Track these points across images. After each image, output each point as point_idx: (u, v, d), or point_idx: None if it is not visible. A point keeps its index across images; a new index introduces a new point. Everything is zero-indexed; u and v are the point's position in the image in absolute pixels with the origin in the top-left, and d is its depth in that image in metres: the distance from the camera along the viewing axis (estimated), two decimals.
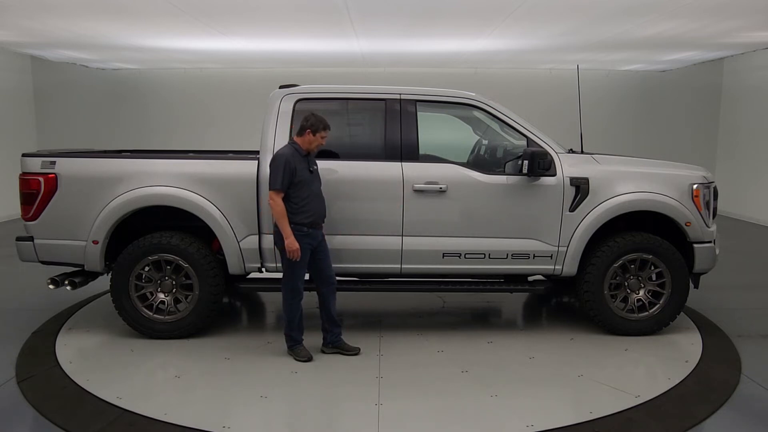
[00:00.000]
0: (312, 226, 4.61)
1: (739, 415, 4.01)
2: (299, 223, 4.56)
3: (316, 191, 4.66)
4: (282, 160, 4.52)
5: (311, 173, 4.64)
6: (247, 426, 3.77)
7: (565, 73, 13.98)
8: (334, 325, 4.87)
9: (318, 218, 4.66)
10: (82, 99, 14.02)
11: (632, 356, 4.94)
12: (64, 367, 4.61)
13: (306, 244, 4.60)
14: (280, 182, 4.49)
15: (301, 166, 4.57)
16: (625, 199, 5.14)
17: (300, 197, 4.56)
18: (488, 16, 8.54)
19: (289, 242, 4.51)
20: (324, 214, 4.73)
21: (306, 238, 4.59)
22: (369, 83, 5.56)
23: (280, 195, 4.52)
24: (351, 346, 4.87)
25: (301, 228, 4.56)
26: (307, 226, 4.58)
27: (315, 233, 4.65)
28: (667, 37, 9.86)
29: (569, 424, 3.76)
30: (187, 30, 9.48)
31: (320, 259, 4.76)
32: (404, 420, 3.83)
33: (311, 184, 4.62)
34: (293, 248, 4.51)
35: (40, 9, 8.19)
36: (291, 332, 4.79)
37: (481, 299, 6.58)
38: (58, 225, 5.07)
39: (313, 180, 4.65)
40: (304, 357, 4.72)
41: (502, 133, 5.46)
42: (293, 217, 4.56)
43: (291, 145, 4.65)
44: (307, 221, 4.58)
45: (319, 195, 4.69)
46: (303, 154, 4.62)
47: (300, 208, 4.56)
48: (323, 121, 4.61)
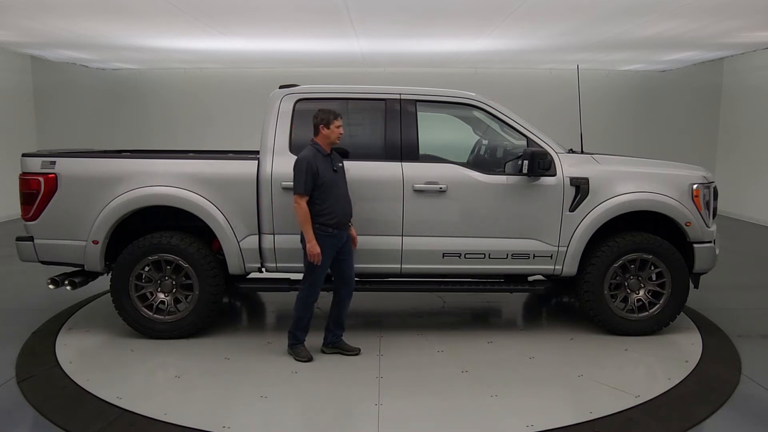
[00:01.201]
0: (337, 227, 4.57)
1: (739, 415, 4.01)
2: (325, 224, 4.51)
3: (340, 191, 4.61)
4: (304, 164, 4.46)
5: (335, 172, 4.59)
6: (247, 426, 3.77)
7: (565, 73, 13.98)
8: (339, 327, 4.86)
9: (343, 219, 4.61)
10: (82, 99, 14.02)
11: (632, 356, 4.94)
12: (64, 367, 4.61)
13: (330, 246, 4.56)
14: (304, 186, 4.44)
15: (324, 166, 4.52)
16: (625, 199, 5.14)
17: (324, 199, 4.51)
18: (488, 16, 8.54)
19: (311, 246, 4.46)
20: (350, 213, 4.69)
21: (331, 239, 4.55)
22: (369, 83, 5.56)
23: (305, 199, 4.47)
24: (351, 347, 4.87)
25: (327, 229, 4.52)
26: (332, 227, 4.54)
27: (340, 234, 4.61)
28: (667, 37, 9.86)
29: (569, 424, 3.76)
30: (187, 30, 9.49)
31: (343, 259, 4.71)
32: (404, 420, 3.83)
33: (335, 185, 4.57)
34: (314, 252, 4.46)
35: (40, 9, 8.19)
36: (296, 331, 4.77)
37: (481, 299, 6.58)
38: (58, 225, 5.07)
39: (337, 180, 4.59)
40: (305, 357, 4.72)
41: (502, 133, 5.46)
42: (318, 219, 4.50)
43: (312, 147, 4.58)
44: (332, 222, 4.53)
45: (344, 195, 4.64)
46: (325, 154, 4.57)
47: (325, 209, 4.51)
48: (332, 112, 4.58)
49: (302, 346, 4.79)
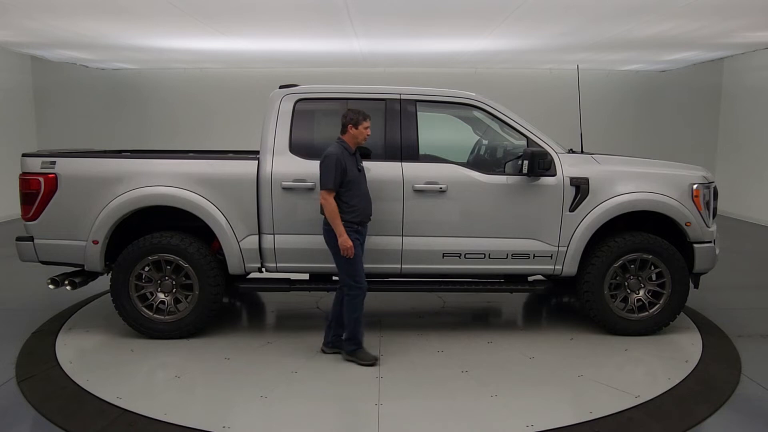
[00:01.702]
0: (361, 223, 4.61)
1: (739, 415, 4.01)
2: (350, 222, 4.53)
3: (363, 190, 4.63)
4: (333, 159, 4.47)
5: (359, 172, 4.62)
6: (247, 426, 3.77)
7: (565, 73, 13.98)
8: (339, 326, 4.83)
9: (365, 217, 4.64)
10: (82, 99, 14.02)
11: (632, 356, 4.94)
12: (64, 367, 4.61)
13: (358, 241, 4.59)
14: (333, 181, 4.45)
15: (351, 164, 4.55)
16: (625, 199, 5.15)
17: (350, 196, 4.54)
18: (488, 16, 8.54)
19: (343, 240, 4.45)
20: (370, 212, 4.71)
21: (356, 234, 4.57)
22: (369, 83, 5.55)
23: (332, 194, 4.48)
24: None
25: (352, 225, 4.54)
26: (357, 224, 4.58)
27: (363, 231, 4.66)
28: (667, 37, 9.86)
29: (569, 424, 3.76)
30: (187, 30, 9.48)
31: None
32: (404, 420, 3.83)
33: (360, 183, 4.60)
34: (347, 246, 4.45)
35: (41, 9, 8.20)
36: (356, 334, 4.68)
37: (481, 299, 6.58)
38: (58, 225, 5.07)
39: (360, 179, 4.62)
40: (370, 360, 4.64)
41: (502, 133, 5.46)
42: (343, 216, 4.51)
43: (339, 144, 4.59)
44: (356, 220, 4.56)
45: (366, 194, 4.66)
46: (351, 152, 4.59)
47: (350, 207, 4.53)
48: (361, 112, 4.59)
49: (363, 350, 4.71)
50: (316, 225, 5.05)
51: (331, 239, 4.55)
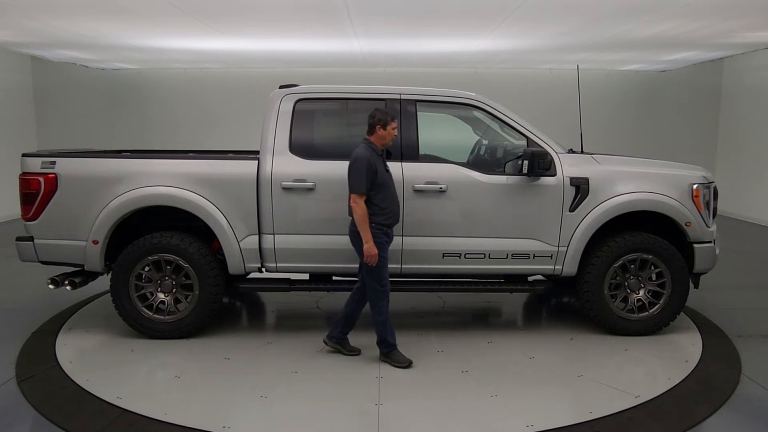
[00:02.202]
0: (391, 226, 4.59)
1: (739, 415, 4.01)
2: (380, 224, 4.50)
3: (392, 191, 4.60)
4: (364, 162, 4.41)
5: (387, 172, 4.59)
6: (247, 426, 3.77)
7: (565, 73, 13.98)
8: (348, 326, 4.83)
9: (395, 219, 4.62)
10: (82, 99, 14.02)
11: (632, 356, 4.94)
12: (64, 367, 4.61)
13: (385, 243, 4.56)
14: (364, 184, 4.40)
15: (380, 165, 4.52)
16: (625, 199, 5.15)
17: (380, 198, 4.49)
18: (488, 16, 8.54)
19: (368, 247, 4.38)
20: (399, 213, 4.67)
21: (385, 237, 4.56)
22: (369, 83, 5.56)
23: (363, 198, 4.43)
24: (352, 347, 4.86)
25: (382, 228, 4.52)
26: (387, 227, 4.56)
27: (392, 233, 4.65)
28: (667, 37, 9.86)
29: (569, 424, 3.76)
30: (187, 30, 9.48)
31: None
32: (404, 420, 3.83)
33: (389, 185, 4.57)
34: (372, 253, 4.38)
35: (41, 9, 8.20)
36: (386, 337, 4.64)
37: (481, 299, 6.58)
38: (58, 225, 5.07)
39: (389, 180, 4.58)
40: (404, 362, 4.61)
41: (502, 133, 5.46)
42: (374, 218, 4.47)
43: (367, 145, 4.52)
44: (387, 222, 4.54)
45: (395, 195, 4.63)
46: (378, 153, 4.57)
47: (381, 209, 4.50)
48: (389, 113, 4.57)
49: (397, 351, 4.68)
50: (316, 225, 5.07)
51: (357, 241, 4.50)
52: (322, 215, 5.06)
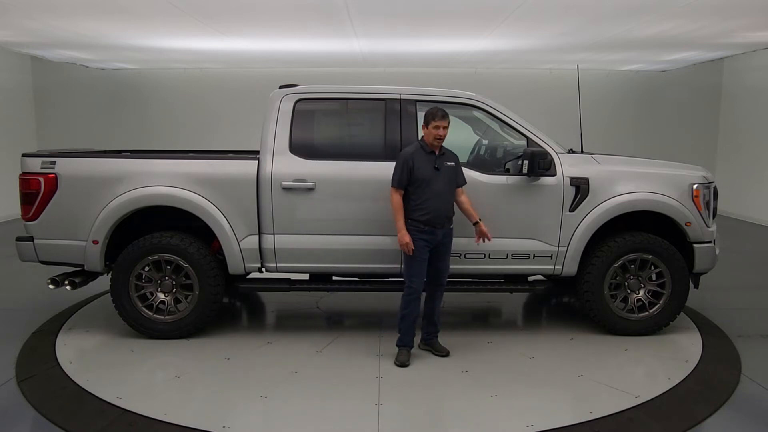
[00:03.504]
0: (429, 224, 4.56)
1: (739, 415, 4.01)
2: (416, 220, 4.54)
3: (438, 190, 4.56)
4: (402, 159, 4.55)
5: (437, 170, 4.56)
6: (247, 426, 3.77)
7: (565, 73, 13.98)
8: (431, 325, 4.87)
9: (436, 217, 4.57)
10: (82, 99, 14.02)
11: (632, 356, 4.94)
12: (64, 367, 4.61)
13: (422, 241, 4.55)
14: (397, 180, 4.55)
15: (423, 163, 4.54)
16: (625, 199, 5.14)
17: (418, 195, 4.54)
18: (488, 16, 8.54)
19: (400, 236, 4.53)
20: (445, 213, 4.60)
21: (422, 234, 4.55)
22: (369, 83, 5.55)
23: (399, 192, 4.56)
24: (442, 347, 4.85)
25: (418, 225, 4.54)
26: (423, 224, 4.55)
27: (434, 231, 4.59)
28: (667, 37, 9.86)
29: (569, 424, 3.76)
30: (187, 30, 9.48)
31: (435, 259, 4.68)
32: (404, 420, 3.83)
33: (433, 182, 4.54)
34: (403, 241, 4.51)
35: (40, 9, 8.20)
36: (399, 331, 4.74)
37: (481, 299, 6.58)
38: (58, 225, 5.06)
39: (436, 178, 4.56)
40: (399, 362, 4.65)
41: (502, 133, 5.45)
42: (411, 214, 4.55)
43: (419, 142, 4.66)
44: (423, 219, 4.54)
45: (440, 194, 4.57)
46: (428, 151, 4.58)
47: (418, 205, 4.54)
48: (432, 111, 4.56)
49: (405, 350, 4.72)
50: (316, 225, 5.07)
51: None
52: (322, 215, 5.06)
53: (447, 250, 4.74)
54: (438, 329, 4.90)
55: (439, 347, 4.87)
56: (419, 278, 4.64)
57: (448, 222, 4.67)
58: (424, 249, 4.58)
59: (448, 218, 4.66)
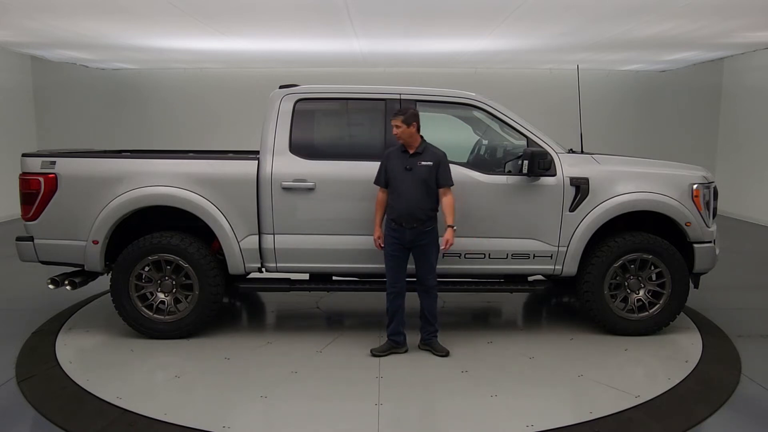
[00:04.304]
0: (397, 222, 4.62)
1: (739, 415, 4.01)
2: (389, 218, 4.69)
3: (405, 189, 4.59)
4: (383, 157, 4.73)
5: (407, 170, 4.59)
6: (247, 426, 3.77)
7: (565, 73, 13.98)
8: (426, 324, 4.89)
9: (401, 216, 4.61)
10: (82, 99, 14.02)
11: (632, 356, 4.94)
12: (64, 367, 4.61)
13: (392, 239, 4.67)
14: (375, 178, 4.73)
15: (396, 162, 4.65)
16: (625, 199, 5.14)
17: (390, 193, 4.69)
18: (488, 16, 8.54)
19: (374, 231, 4.77)
20: (412, 214, 4.58)
21: (392, 232, 4.67)
22: (369, 83, 5.55)
23: (381, 190, 4.73)
24: (441, 347, 4.85)
25: (390, 222, 4.68)
26: (394, 222, 4.65)
27: (402, 230, 4.62)
28: (667, 37, 9.86)
29: (569, 424, 3.76)
30: (187, 30, 9.48)
31: (415, 259, 4.75)
32: (404, 420, 3.83)
33: (401, 182, 4.60)
34: (375, 237, 4.76)
35: (40, 9, 8.20)
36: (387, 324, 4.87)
37: (481, 299, 6.58)
38: (58, 225, 5.06)
39: (405, 177, 4.59)
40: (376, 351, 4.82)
41: (502, 133, 5.45)
42: (387, 211, 4.72)
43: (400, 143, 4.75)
44: (392, 216, 4.67)
45: (408, 194, 4.58)
46: (402, 150, 4.67)
47: (389, 203, 4.70)
48: (395, 111, 4.69)
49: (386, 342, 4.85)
50: (317, 225, 5.07)
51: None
52: (322, 215, 5.06)
53: (424, 252, 4.70)
54: (436, 329, 4.90)
55: (438, 347, 4.87)
56: (392, 275, 4.75)
57: (419, 223, 4.60)
58: (394, 246, 4.67)
59: (419, 219, 4.60)
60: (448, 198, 4.69)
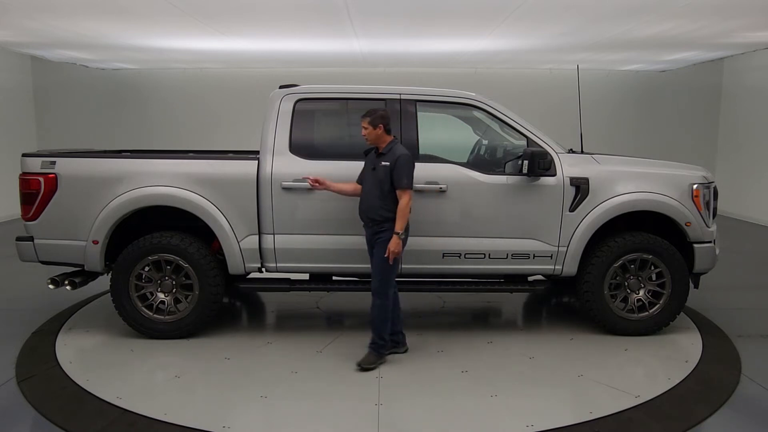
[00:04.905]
0: (362, 220, 4.66)
1: (739, 415, 4.01)
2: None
3: (366, 188, 4.60)
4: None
5: (373, 170, 4.57)
6: (247, 426, 3.77)
7: (565, 73, 13.98)
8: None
9: (360, 215, 4.66)
10: (82, 99, 14.02)
11: (632, 356, 4.94)
12: (64, 367, 4.61)
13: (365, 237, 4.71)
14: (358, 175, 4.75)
15: (368, 161, 4.67)
16: (625, 199, 5.14)
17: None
18: (488, 16, 8.54)
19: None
20: (366, 213, 4.58)
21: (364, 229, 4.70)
22: (369, 83, 5.55)
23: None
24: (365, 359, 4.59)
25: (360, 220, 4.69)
26: (361, 219, 4.66)
27: (365, 228, 4.68)
28: (667, 37, 9.85)
29: (569, 424, 3.76)
30: (187, 30, 9.48)
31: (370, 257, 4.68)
32: (404, 420, 3.83)
33: (366, 182, 4.62)
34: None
35: (40, 9, 8.19)
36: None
37: (481, 299, 6.58)
38: (58, 225, 5.06)
39: (368, 178, 4.60)
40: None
41: (502, 133, 5.45)
42: None
43: None
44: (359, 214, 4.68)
45: (366, 193, 4.58)
46: (371, 149, 4.66)
47: None
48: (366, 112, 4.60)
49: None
50: (316, 225, 5.07)
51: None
52: (322, 215, 5.06)
53: (374, 255, 4.56)
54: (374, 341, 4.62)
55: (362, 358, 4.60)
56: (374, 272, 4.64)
57: (374, 223, 4.53)
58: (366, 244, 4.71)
59: (373, 220, 4.53)
60: (402, 201, 4.44)
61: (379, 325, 4.58)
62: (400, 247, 4.45)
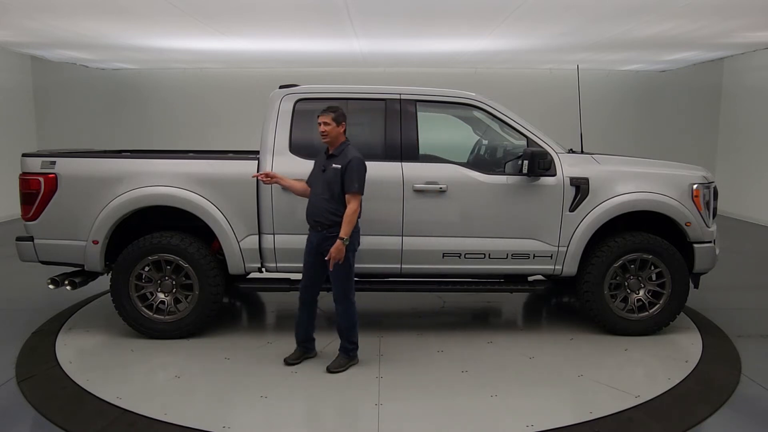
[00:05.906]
0: (308, 223, 4.52)
1: (739, 415, 4.01)
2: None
3: (314, 191, 4.49)
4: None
5: (322, 171, 4.45)
6: (247, 426, 3.77)
7: (565, 73, 13.98)
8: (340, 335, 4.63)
9: (308, 218, 4.49)
10: (82, 99, 14.02)
11: (632, 356, 4.94)
12: (64, 367, 4.61)
13: (307, 242, 4.53)
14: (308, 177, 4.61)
15: (318, 162, 4.56)
16: (625, 199, 5.14)
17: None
18: (488, 16, 8.54)
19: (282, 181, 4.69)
20: (313, 216, 4.43)
21: (308, 235, 4.55)
22: (369, 83, 5.55)
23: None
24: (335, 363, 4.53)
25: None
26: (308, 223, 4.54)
27: (311, 233, 4.51)
28: (667, 37, 9.86)
29: (569, 424, 3.76)
30: (187, 30, 9.48)
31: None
32: (404, 420, 3.83)
33: (314, 184, 4.51)
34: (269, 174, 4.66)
35: (40, 9, 8.19)
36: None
37: (481, 299, 6.58)
38: (58, 225, 5.06)
39: (317, 180, 4.48)
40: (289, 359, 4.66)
41: (502, 133, 5.46)
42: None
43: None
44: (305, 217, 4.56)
45: (314, 196, 4.47)
46: (325, 150, 4.56)
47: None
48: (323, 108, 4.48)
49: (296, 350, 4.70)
50: None
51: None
52: None
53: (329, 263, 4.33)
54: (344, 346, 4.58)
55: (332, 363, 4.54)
56: (303, 281, 4.58)
57: (322, 227, 4.38)
58: (307, 249, 4.52)
59: (321, 223, 4.38)
60: (350, 206, 4.29)
61: (347, 330, 4.55)
62: (343, 254, 4.26)
